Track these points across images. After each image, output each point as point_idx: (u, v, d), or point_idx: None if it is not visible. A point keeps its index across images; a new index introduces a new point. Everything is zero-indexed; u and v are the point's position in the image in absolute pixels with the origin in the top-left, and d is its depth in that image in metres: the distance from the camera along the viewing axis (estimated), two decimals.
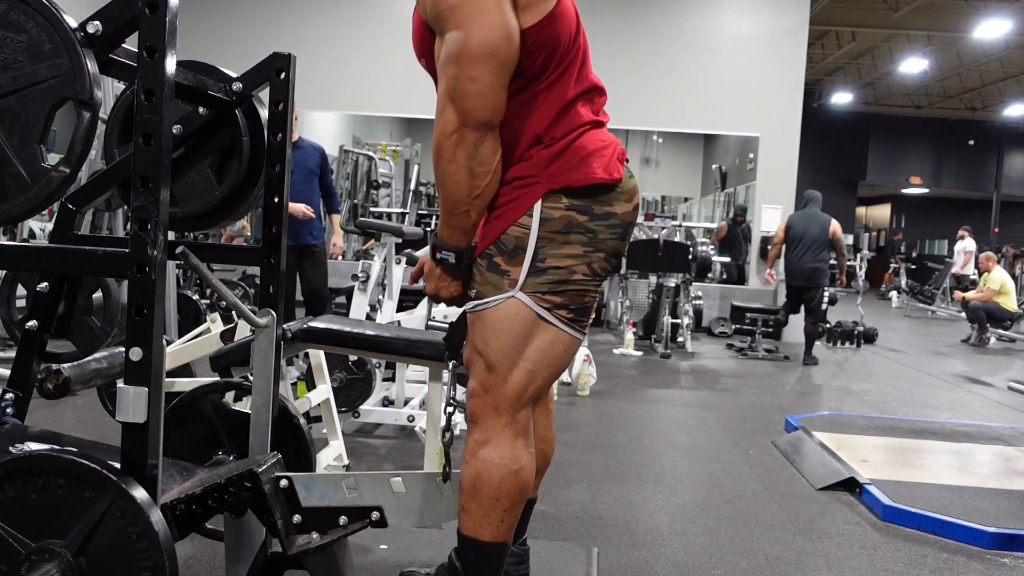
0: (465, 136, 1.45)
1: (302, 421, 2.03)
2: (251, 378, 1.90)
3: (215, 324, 3.22)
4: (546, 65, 1.53)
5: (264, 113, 1.91)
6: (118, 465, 1.37)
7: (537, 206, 1.53)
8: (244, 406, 2.11)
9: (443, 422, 1.73)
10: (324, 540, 1.68)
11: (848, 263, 17.48)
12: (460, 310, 1.69)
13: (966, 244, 14.69)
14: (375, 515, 1.71)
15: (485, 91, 1.44)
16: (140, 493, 1.34)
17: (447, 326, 1.73)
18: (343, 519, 1.70)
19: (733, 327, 8.02)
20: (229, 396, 2.12)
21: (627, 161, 1.68)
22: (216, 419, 1.99)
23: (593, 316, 1.71)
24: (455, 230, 1.54)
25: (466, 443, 1.61)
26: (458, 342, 1.68)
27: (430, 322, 1.78)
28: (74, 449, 1.48)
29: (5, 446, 1.65)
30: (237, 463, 1.77)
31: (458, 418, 1.74)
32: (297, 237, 4.88)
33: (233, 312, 3.00)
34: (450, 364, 1.72)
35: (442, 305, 1.69)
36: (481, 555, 1.61)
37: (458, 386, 1.77)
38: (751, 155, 9.98)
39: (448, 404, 1.73)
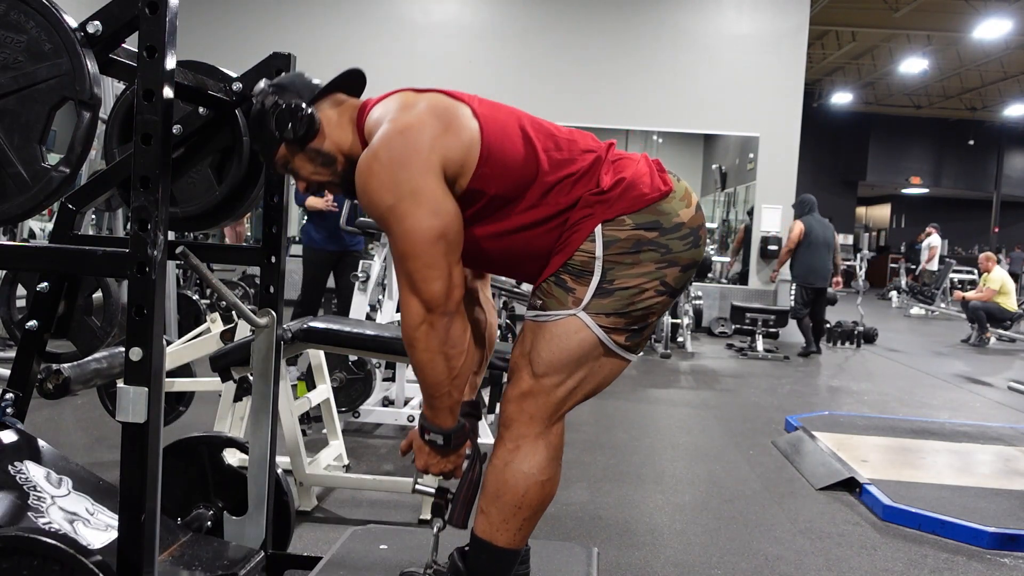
0: (435, 323, 1.48)
1: (290, 497, 2.05)
2: (251, 379, 1.90)
3: (215, 324, 3.22)
4: (520, 177, 1.54)
5: None
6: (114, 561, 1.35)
7: (598, 230, 1.54)
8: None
9: None
10: None
11: (848, 263, 17.70)
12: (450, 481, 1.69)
13: (931, 240, 14.90)
14: None
15: (442, 275, 1.46)
16: None
17: (434, 490, 1.72)
18: None
19: (733, 327, 8.01)
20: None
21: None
22: (209, 470, 1.99)
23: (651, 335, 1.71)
24: (440, 411, 1.56)
25: (495, 447, 1.61)
26: (457, 522, 1.66)
27: (417, 485, 1.77)
28: (67, 502, 1.42)
29: (4, 465, 1.64)
30: (221, 549, 1.74)
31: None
32: (341, 243, 4.92)
33: (233, 312, 3.00)
34: (435, 527, 1.71)
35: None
36: (492, 560, 1.61)
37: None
38: (751, 155, 9.98)
39: (428, 567, 1.71)
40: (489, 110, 1.57)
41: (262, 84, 1.61)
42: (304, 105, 1.55)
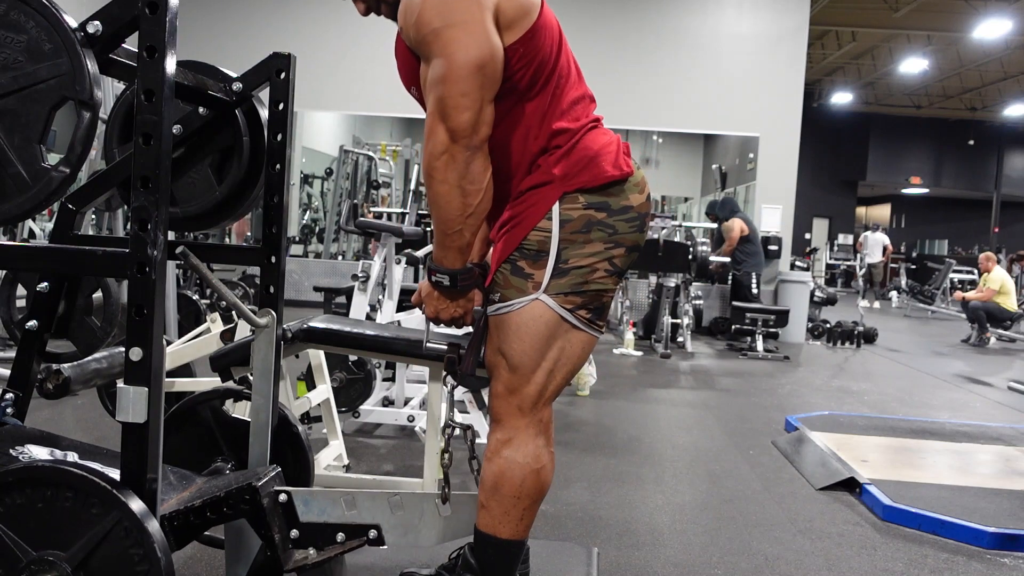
0: (456, 155, 1.46)
1: (301, 429, 2.03)
2: (251, 379, 1.90)
3: (215, 324, 3.21)
4: (536, 77, 1.56)
5: (264, 113, 1.91)
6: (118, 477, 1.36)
7: (555, 208, 1.56)
8: (243, 411, 2.10)
9: (442, 443, 1.73)
10: (320, 556, 1.68)
11: (848, 263, 17.83)
12: (461, 331, 1.70)
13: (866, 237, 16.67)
14: (373, 533, 1.71)
15: (474, 106, 1.45)
16: (146, 515, 1.33)
17: (446, 347, 1.73)
18: (340, 536, 1.70)
19: (733, 327, 8.01)
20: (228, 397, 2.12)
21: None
22: (215, 426, 1.98)
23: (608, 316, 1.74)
24: (449, 251, 1.55)
25: (488, 442, 1.64)
26: (466, 368, 1.67)
27: (428, 344, 1.78)
28: (75, 460, 1.45)
29: (5, 448, 1.65)
30: (236, 475, 1.76)
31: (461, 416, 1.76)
32: None
33: (233, 312, 3.00)
34: (447, 386, 1.73)
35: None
36: (498, 552, 1.64)
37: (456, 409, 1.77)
38: (751, 155, 9.98)
39: (447, 425, 1.74)
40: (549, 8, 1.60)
41: None
42: None
